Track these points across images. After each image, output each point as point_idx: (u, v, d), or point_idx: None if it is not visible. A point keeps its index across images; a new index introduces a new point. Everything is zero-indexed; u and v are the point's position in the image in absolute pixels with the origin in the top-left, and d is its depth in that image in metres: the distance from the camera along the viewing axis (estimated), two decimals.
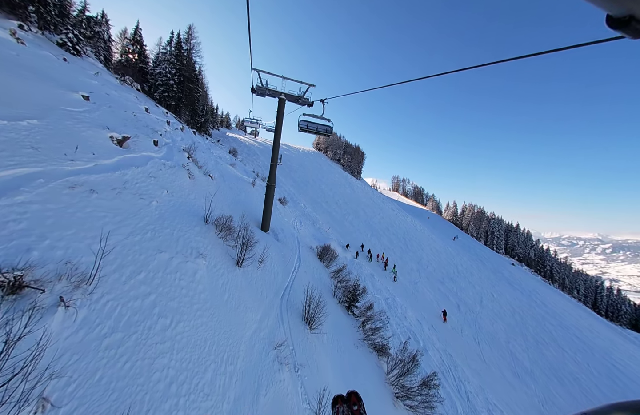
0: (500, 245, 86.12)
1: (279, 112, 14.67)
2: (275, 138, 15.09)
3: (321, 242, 24.13)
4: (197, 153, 19.92)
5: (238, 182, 22.24)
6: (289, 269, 13.41)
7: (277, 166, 15.54)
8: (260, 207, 20.16)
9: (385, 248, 33.19)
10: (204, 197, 12.95)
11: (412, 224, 51.87)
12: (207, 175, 17.15)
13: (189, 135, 24.60)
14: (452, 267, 36.81)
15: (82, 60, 24.30)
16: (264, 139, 78.58)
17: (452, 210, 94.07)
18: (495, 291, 34.29)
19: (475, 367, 18.49)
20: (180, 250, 7.80)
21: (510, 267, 54.89)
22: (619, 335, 40.22)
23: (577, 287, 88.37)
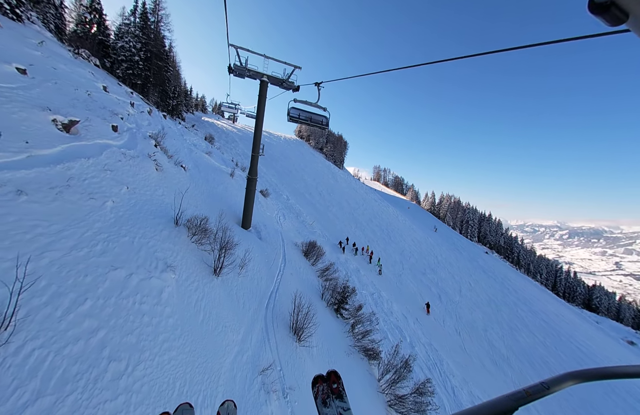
0: (474, 233, 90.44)
1: (261, 96, 13.14)
2: (257, 125, 13.60)
3: (306, 237, 23.13)
4: (167, 140, 17.82)
5: (215, 173, 20.41)
6: (273, 271, 12.29)
7: (259, 157, 14.10)
8: (240, 201, 18.63)
9: (369, 240, 32.96)
10: (175, 192, 11.34)
11: (394, 214, 52.34)
12: (179, 166, 15.31)
13: (158, 119, 22.09)
14: (432, 257, 37.60)
15: (23, 27, 20.62)
16: (242, 125, 74.94)
17: (430, 200, 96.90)
18: (472, 280, 35.58)
19: (458, 359, 18.77)
20: (142, 264, 6.41)
21: (484, 255, 57.74)
22: (579, 317, 43.79)
23: (540, 271, 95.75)
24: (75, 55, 22.19)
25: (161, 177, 11.82)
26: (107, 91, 17.20)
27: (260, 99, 13.10)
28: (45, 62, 13.93)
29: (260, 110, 13.33)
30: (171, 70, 34.67)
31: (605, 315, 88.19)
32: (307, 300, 9.65)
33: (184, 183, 13.67)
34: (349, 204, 44.23)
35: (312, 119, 7.15)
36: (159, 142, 15.06)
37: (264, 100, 13.13)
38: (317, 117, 7.72)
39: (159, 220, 8.54)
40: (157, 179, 11.29)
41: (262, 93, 12.98)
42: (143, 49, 27.47)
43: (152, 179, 10.95)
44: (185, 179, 14.45)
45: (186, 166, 16.33)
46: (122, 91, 20.90)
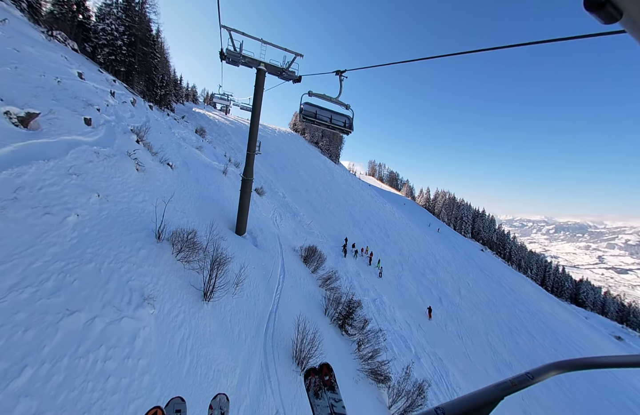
0: (468, 229, 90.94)
1: (257, 86, 11.66)
2: (253, 120, 12.14)
3: (304, 240, 21.89)
4: (151, 134, 16.14)
5: (206, 170, 18.84)
6: (272, 286, 11.03)
7: (255, 156, 12.68)
8: (234, 202, 17.18)
9: (368, 239, 31.98)
10: (159, 197, 9.88)
11: (390, 211, 51.54)
12: (165, 164, 13.74)
13: (143, 111, 20.23)
14: (430, 256, 36.99)
15: None
16: (235, 117, 72.48)
17: (425, 196, 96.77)
18: (470, 279, 35.16)
19: (463, 367, 18.06)
20: (110, 300, 5.05)
21: (480, 253, 57.81)
22: (572, 314, 44.20)
23: (531, 267, 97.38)
24: (48, 37, 19.99)
25: (143, 179, 10.31)
26: (83, 78, 15.34)
27: (256, 90, 11.63)
28: (5, 43, 12.05)
29: (257, 102, 11.87)
30: (158, 57, 32.32)
31: (591, 309, 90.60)
32: (311, 324, 8.45)
33: (170, 185, 12.17)
34: (346, 201, 43.08)
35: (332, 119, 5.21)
36: (142, 137, 13.44)
37: (260, 91, 11.67)
38: (338, 118, 5.35)
39: (137, 235, 7.13)
40: (138, 182, 9.79)
41: (259, 83, 11.51)
42: (127, 32, 25.16)
43: (132, 181, 9.45)
44: (172, 179, 12.93)
45: (173, 164, 14.75)
46: (101, 79, 18.94)
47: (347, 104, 4.83)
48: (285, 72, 11.34)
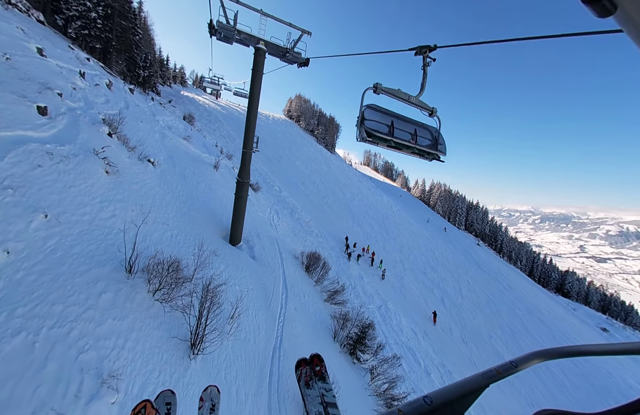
0: (462, 222, 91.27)
1: (256, 69, 9.66)
2: (250, 110, 10.18)
3: (304, 240, 20.29)
4: (129, 124, 13.92)
5: (195, 165, 16.76)
6: (274, 311, 9.42)
7: (252, 153, 10.78)
8: (227, 202, 15.30)
9: (368, 236, 30.67)
10: (135, 208, 8.01)
11: (388, 204, 50.34)
12: (145, 161, 11.70)
13: (121, 95, 17.74)
14: (429, 253, 36.14)
15: None
16: (227, 101, 68.86)
17: (420, 188, 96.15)
18: (469, 277, 34.59)
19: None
20: (45, 401, 3.32)
21: (476, 247, 57.74)
22: (565, 310, 44.71)
23: (521, 258, 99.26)
24: (5, 5, 17.02)
25: (114, 184, 8.36)
26: (44, 55, 12.85)
27: (254, 73, 9.64)
28: None
29: (255, 89, 9.89)
30: (140, 34, 29.13)
31: (575, 299, 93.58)
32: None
33: (150, 187, 10.22)
34: (344, 194, 41.47)
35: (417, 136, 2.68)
36: (117, 128, 11.29)
37: (259, 75, 9.68)
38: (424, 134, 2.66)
39: (99, 271, 5.34)
40: (107, 189, 7.86)
41: (258, 66, 9.51)
42: (102, 2, 22.06)
43: (98, 190, 7.51)
44: (153, 180, 10.95)
45: (156, 160, 12.70)
46: (70, 57, 16.31)
47: (432, 108, 2.47)
48: (289, 54, 9.38)
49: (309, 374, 1.50)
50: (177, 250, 8.06)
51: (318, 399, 1.43)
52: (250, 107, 10.09)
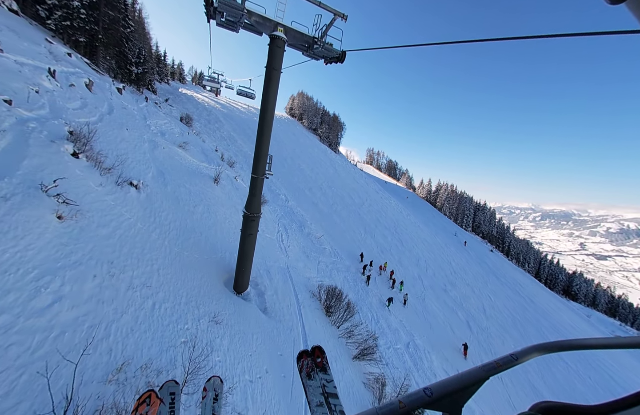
0: (469, 223, 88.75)
1: (272, 64, 6.92)
2: (263, 121, 7.47)
3: (316, 261, 17.69)
4: (109, 134, 11.27)
5: (192, 180, 14.11)
6: (297, 403, 6.80)
7: (263, 179, 8.11)
8: (231, 226, 12.68)
9: (382, 249, 28.12)
10: (99, 273, 5.42)
11: (397, 209, 47.71)
12: (126, 184, 9.07)
13: (104, 96, 15.03)
14: (446, 264, 33.60)
15: None
16: (227, 99, 66.00)
17: (426, 188, 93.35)
18: (490, 292, 32.09)
19: None
20: None
21: (490, 254, 55.22)
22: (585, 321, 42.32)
23: (529, 260, 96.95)
24: None
25: (69, 235, 5.74)
26: (0, 50, 10.15)
27: (270, 71, 6.92)
28: None
29: (270, 92, 7.16)
30: (132, 26, 26.27)
31: (583, 301, 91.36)
32: None
33: (129, 226, 7.60)
34: (353, 199, 38.85)
35: None
36: (86, 144, 8.62)
37: (277, 73, 6.97)
38: None
39: None
40: (55, 248, 5.24)
41: (275, 60, 6.81)
42: None
43: (39, 251, 4.89)
44: (134, 212, 8.32)
45: (141, 181, 10.06)
46: (40, 52, 13.56)
47: None
48: (318, 45, 6.68)
49: (310, 365, 1.50)
50: (159, 339, 5.46)
51: (319, 389, 1.45)
52: (263, 118, 7.41)
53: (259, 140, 7.51)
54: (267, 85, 7.03)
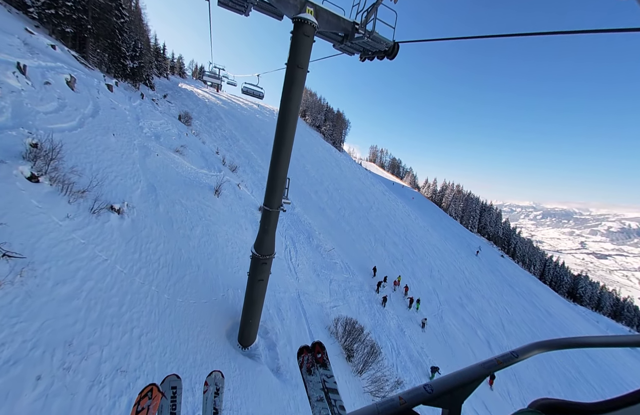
0: (474, 224, 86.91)
1: (297, 56, 4.94)
2: (283, 135, 5.52)
3: (328, 279, 15.88)
4: (89, 143, 9.38)
5: (189, 194, 12.25)
6: None
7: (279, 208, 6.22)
8: (235, 250, 10.84)
9: (394, 259, 26.33)
10: (52, 377, 3.56)
11: (405, 212, 45.83)
12: (105, 210, 7.21)
13: (89, 95, 13.08)
14: (459, 273, 31.84)
15: None
16: (228, 95, 63.75)
17: (432, 188, 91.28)
18: (506, 304, 30.37)
19: None
20: None
21: (501, 260, 53.36)
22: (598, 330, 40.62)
23: (534, 262, 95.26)
24: None
25: (5, 310, 3.89)
26: None
27: (293, 67, 4.93)
28: None
29: (294, 93, 5.06)
30: (126, 16, 24.19)
31: (587, 304, 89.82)
32: None
33: (103, 272, 5.76)
34: (360, 203, 36.98)
35: None
36: (49, 163, 6.73)
37: (302, 70, 4.94)
38: None
39: None
40: None
41: (300, 52, 4.84)
42: None
43: None
44: (113, 248, 6.49)
45: (125, 202, 8.21)
46: (10, 43, 11.55)
47: None
48: (362, 33, 4.73)
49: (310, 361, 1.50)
50: None
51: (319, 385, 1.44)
52: (282, 135, 5.48)
53: (275, 162, 5.63)
54: (288, 89, 5.12)
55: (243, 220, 14.48)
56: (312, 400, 1.46)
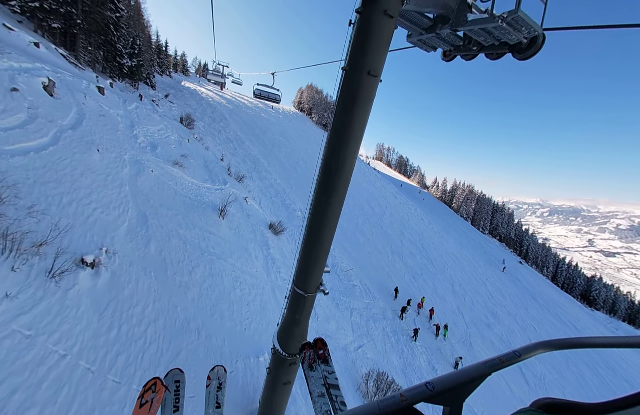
0: (486, 225, 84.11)
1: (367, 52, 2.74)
2: (334, 184, 3.39)
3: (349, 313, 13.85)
4: (60, 164, 7.39)
5: (188, 218, 10.25)
6: None
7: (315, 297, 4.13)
8: (244, 296, 8.78)
9: (413, 274, 24.21)
10: None
11: (418, 216, 43.53)
12: (72, 268, 5.21)
13: (73, 100, 11.01)
14: (481, 286, 29.58)
15: None
16: (232, 94, 61.68)
17: (441, 188, 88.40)
18: (533, 321, 28.09)
19: None
20: None
21: (520, 267, 50.65)
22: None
23: (547, 265, 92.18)
24: None
25: None
26: None
27: (358, 72, 2.79)
28: None
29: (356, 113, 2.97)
30: (122, 10, 22.17)
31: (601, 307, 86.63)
32: None
33: (50, 390, 3.72)
34: (373, 209, 34.80)
35: None
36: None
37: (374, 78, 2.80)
38: None
39: None
40: None
41: (374, 43, 2.69)
42: None
43: None
44: (74, 336, 4.49)
45: (104, 248, 6.25)
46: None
47: None
48: (496, 20, 2.59)
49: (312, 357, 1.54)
50: None
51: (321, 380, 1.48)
52: (330, 181, 3.35)
53: (318, 229, 3.56)
54: (345, 111, 3.03)
55: (252, 245, 12.48)
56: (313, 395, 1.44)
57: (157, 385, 1.51)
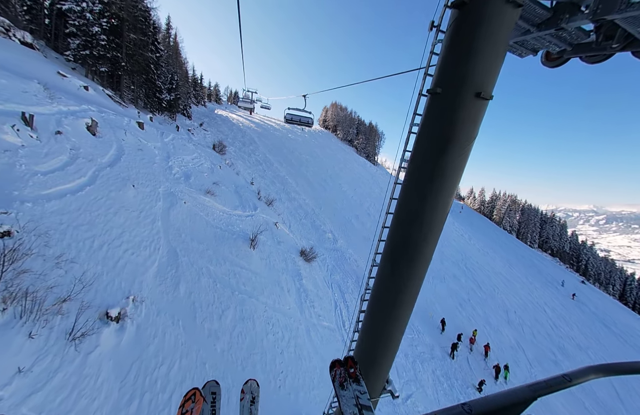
0: (535, 238, 75.72)
1: (477, 54, 1.87)
2: (414, 264, 2.46)
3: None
4: (95, 204, 7.23)
5: (219, 251, 9.75)
6: None
7: None
8: (277, 341, 7.82)
9: (459, 300, 21.65)
10: None
11: (457, 231, 40.13)
12: (94, 327, 4.66)
13: (114, 137, 11.45)
14: (541, 313, 25.65)
15: None
16: (261, 117, 64.10)
17: (479, 199, 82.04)
18: (609, 356, 23.42)
19: None
20: None
21: (583, 288, 43.90)
22: None
23: (613, 282, 79.73)
24: None
25: None
26: None
27: (459, 90, 1.86)
28: None
29: (456, 147, 1.94)
30: (162, 51, 23.96)
31: None
32: None
33: None
34: None
35: None
36: (5, 266, 4.40)
37: (485, 100, 1.85)
38: None
39: None
40: None
41: (486, 50, 1.76)
42: (107, 12, 16.79)
43: None
44: (91, 411, 3.78)
45: (131, 297, 5.74)
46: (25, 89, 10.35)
47: None
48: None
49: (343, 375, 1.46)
50: None
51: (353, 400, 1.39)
52: (404, 259, 2.48)
53: (387, 319, 2.53)
54: (444, 143, 2.05)
55: (284, 277, 11.66)
56: None
57: (196, 395, 1.47)
